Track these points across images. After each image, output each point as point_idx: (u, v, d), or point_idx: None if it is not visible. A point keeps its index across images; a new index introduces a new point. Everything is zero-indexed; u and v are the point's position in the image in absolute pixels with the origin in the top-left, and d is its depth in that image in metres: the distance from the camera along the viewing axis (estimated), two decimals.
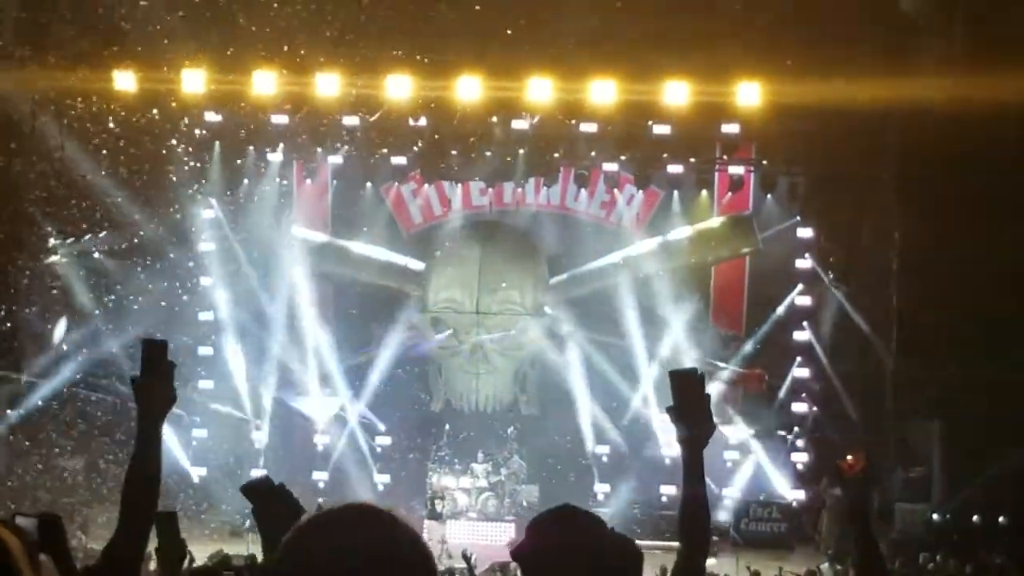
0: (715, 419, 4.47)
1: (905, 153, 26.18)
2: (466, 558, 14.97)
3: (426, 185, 29.19)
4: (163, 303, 27.15)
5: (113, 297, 27.03)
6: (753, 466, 27.58)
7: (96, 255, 27.23)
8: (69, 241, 26.90)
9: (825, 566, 22.71)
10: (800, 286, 28.25)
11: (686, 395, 4.37)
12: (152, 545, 5.47)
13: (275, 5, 26.01)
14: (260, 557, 7.43)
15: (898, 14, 26.62)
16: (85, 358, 26.43)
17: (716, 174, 28.66)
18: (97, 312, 26.82)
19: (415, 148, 28.00)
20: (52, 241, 26.87)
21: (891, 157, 26.83)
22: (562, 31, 25.76)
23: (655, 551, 17.58)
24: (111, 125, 26.70)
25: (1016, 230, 23.26)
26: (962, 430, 25.31)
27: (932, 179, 24.94)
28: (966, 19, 26.30)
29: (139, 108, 26.66)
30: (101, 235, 27.14)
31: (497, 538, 24.92)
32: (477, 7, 26.19)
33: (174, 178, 27.53)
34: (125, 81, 26.16)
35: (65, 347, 26.69)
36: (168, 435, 26.72)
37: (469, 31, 26.32)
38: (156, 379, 4.46)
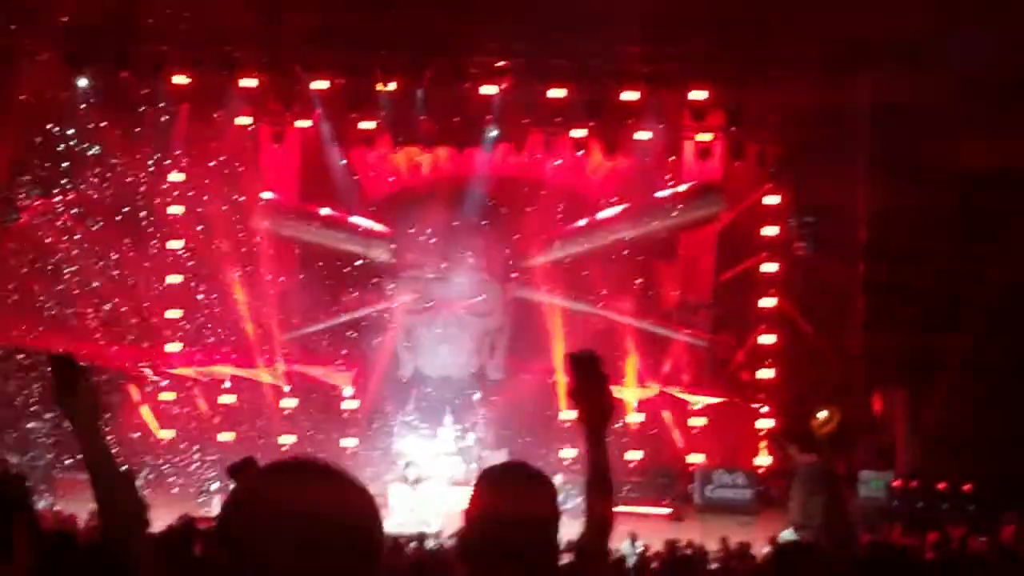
0: (615, 399, 4.38)
1: (875, 119, 26.17)
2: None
3: (394, 151, 29.11)
4: (130, 266, 27.07)
5: (78, 256, 26.89)
6: (718, 432, 27.68)
7: (64, 216, 27.06)
8: (37, 203, 26.72)
9: (788, 531, 22.75)
10: (766, 253, 28.32)
11: (584, 379, 4.33)
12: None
13: None
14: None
15: None
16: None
17: (685, 141, 28.68)
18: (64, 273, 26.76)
19: (383, 113, 27.96)
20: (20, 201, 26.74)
21: (861, 123, 26.82)
22: None
23: (625, 516, 17.63)
24: (80, 86, 26.65)
25: (986, 200, 23.34)
26: (928, 399, 25.43)
27: (903, 146, 24.94)
28: None
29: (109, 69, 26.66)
30: (69, 197, 26.99)
31: (464, 503, 24.85)
32: None
33: (141, 141, 27.41)
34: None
35: None
36: (136, 397, 26.76)
37: None
38: (73, 394, 4.20)
